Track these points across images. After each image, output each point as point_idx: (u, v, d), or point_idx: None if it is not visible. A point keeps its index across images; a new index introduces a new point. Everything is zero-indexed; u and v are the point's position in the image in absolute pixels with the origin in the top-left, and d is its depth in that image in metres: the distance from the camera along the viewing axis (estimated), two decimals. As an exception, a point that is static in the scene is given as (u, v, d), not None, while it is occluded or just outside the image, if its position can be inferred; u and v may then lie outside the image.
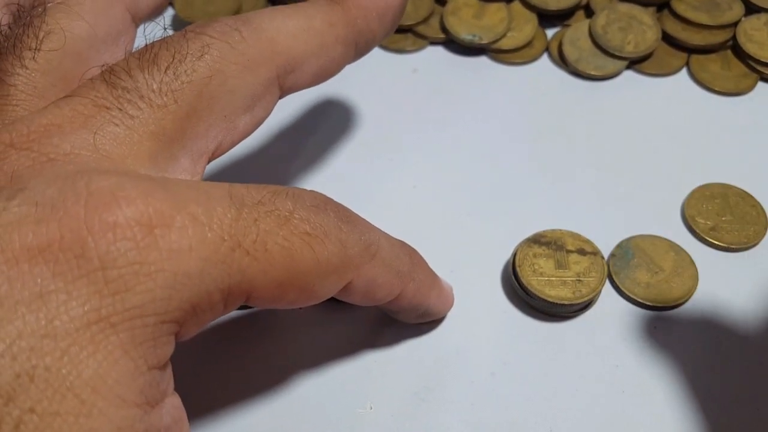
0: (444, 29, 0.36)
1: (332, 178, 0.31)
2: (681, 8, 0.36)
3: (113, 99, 0.19)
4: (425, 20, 0.36)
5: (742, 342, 0.26)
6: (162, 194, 0.17)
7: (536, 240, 0.27)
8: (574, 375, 0.25)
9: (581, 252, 0.27)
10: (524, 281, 0.26)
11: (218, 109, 0.21)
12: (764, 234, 0.29)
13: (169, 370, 0.17)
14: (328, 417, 0.24)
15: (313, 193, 0.20)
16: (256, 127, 0.23)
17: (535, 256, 0.27)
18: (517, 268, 0.26)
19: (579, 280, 0.26)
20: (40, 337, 0.15)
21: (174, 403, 0.18)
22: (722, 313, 0.27)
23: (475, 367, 0.25)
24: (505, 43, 0.36)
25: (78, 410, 0.15)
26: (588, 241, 0.27)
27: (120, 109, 0.19)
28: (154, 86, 0.20)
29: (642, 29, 0.35)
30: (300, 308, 0.27)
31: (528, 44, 0.36)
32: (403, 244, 0.23)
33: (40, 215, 0.16)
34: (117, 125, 0.19)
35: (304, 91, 0.24)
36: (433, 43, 0.36)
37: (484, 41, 0.35)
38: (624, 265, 0.27)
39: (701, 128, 0.33)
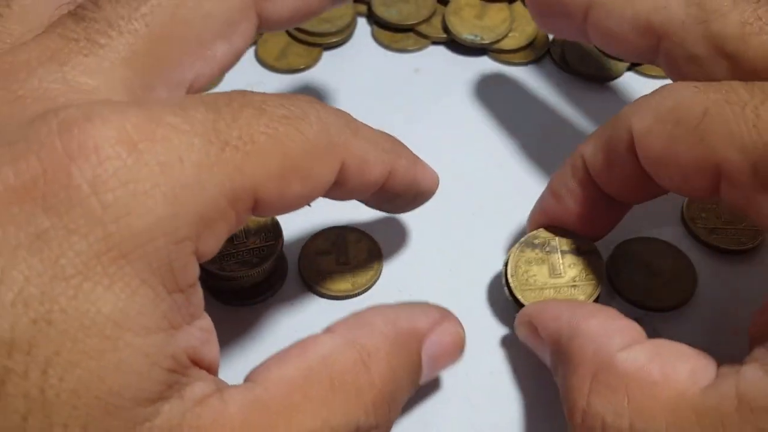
0: (446, 29, 0.36)
1: (333, 177, 0.31)
2: (683, 10, 0.36)
3: (81, 30, 0.19)
4: (427, 20, 0.36)
5: (742, 345, 0.26)
6: (136, 111, 0.16)
7: (529, 243, 0.26)
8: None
9: (576, 252, 0.25)
10: (518, 294, 0.25)
11: (193, 35, 0.20)
12: (763, 236, 0.29)
13: (196, 292, 0.17)
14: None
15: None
16: (236, 60, 0.22)
17: (528, 262, 0.25)
18: (510, 279, 0.25)
19: (574, 285, 0.25)
20: (49, 279, 0.14)
21: (203, 325, 0.17)
22: (722, 315, 0.27)
23: (473, 366, 0.25)
24: (507, 44, 0.36)
25: (103, 346, 0.15)
26: (583, 239, 0.25)
27: (88, 39, 0.19)
28: (123, 13, 0.19)
29: (643, 31, 0.35)
30: (303, 315, 0.27)
31: (529, 45, 0.36)
32: (378, 129, 0.23)
33: (16, 153, 0.15)
34: (86, 55, 0.18)
35: (304, 90, 0.24)
36: (435, 42, 0.36)
37: (486, 41, 0.35)
38: (623, 267, 0.27)
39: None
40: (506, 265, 0.26)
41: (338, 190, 0.21)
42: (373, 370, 0.19)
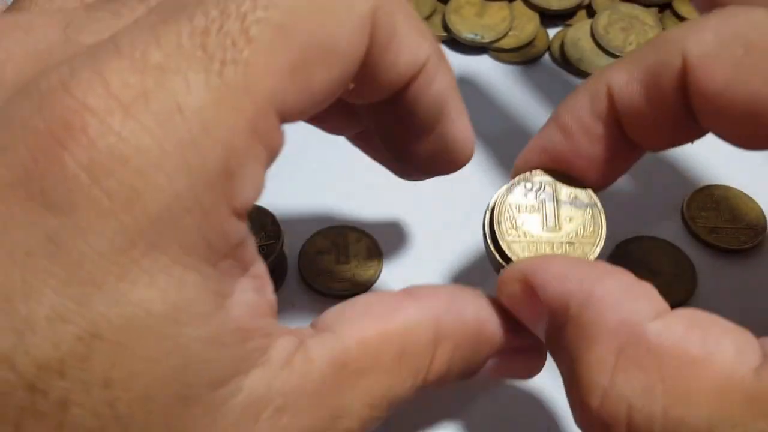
0: (446, 27, 0.36)
1: (333, 176, 0.31)
2: (683, 9, 0.36)
3: None
4: (427, 18, 0.36)
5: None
6: (115, 61, 0.14)
7: (520, 186, 0.21)
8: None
9: (576, 203, 0.21)
10: (503, 246, 0.20)
11: None
12: (764, 236, 0.29)
13: (246, 246, 0.15)
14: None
15: None
16: None
17: (518, 209, 0.21)
18: (495, 227, 0.21)
19: (571, 243, 0.21)
20: (79, 287, 0.13)
21: (256, 272, 0.16)
22: (722, 314, 0.27)
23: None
24: (507, 42, 0.36)
25: (165, 348, 0.14)
26: (584, 189, 0.21)
27: None
28: None
29: (644, 30, 0.35)
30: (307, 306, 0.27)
31: (529, 43, 0.36)
32: None
33: (2, 141, 0.13)
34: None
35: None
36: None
37: (486, 40, 0.35)
38: (623, 266, 0.27)
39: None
40: (491, 210, 0.21)
41: (361, 80, 0.17)
42: (437, 355, 0.18)
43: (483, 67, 0.36)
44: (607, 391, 0.16)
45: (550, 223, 0.21)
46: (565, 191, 0.21)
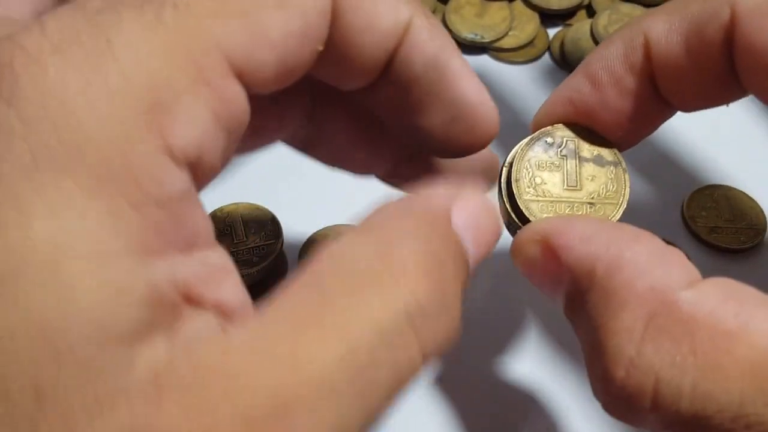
0: (446, 27, 0.36)
1: (333, 176, 0.31)
2: (683, 9, 0.36)
3: None
4: (427, 18, 0.36)
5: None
6: (59, 10, 0.14)
7: (540, 141, 0.20)
8: (573, 378, 0.25)
9: (599, 161, 0.20)
10: (522, 205, 0.19)
11: None
12: (764, 235, 0.29)
13: (189, 210, 0.14)
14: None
15: None
16: None
17: (538, 166, 0.20)
18: (513, 184, 0.19)
19: (591, 204, 0.19)
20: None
21: (208, 259, 0.14)
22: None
23: (477, 360, 0.25)
24: (507, 42, 0.36)
25: (43, 277, 0.12)
26: (609, 146, 0.20)
27: None
28: None
29: (644, 29, 0.35)
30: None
31: (529, 43, 0.36)
32: None
33: None
34: None
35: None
36: (435, 41, 0.36)
37: (486, 40, 0.35)
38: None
39: (702, 129, 0.33)
40: (509, 166, 0.20)
41: (339, 49, 0.16)
42: (408, 268, 0.14)
43: (483, 67, 0.36)
44: (634, 360, 0.15)
45: (571, 181, 0.19)
46: (588, 148, 0.20)
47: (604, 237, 0.16)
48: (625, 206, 0.19)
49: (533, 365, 0.26)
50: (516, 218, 0.19)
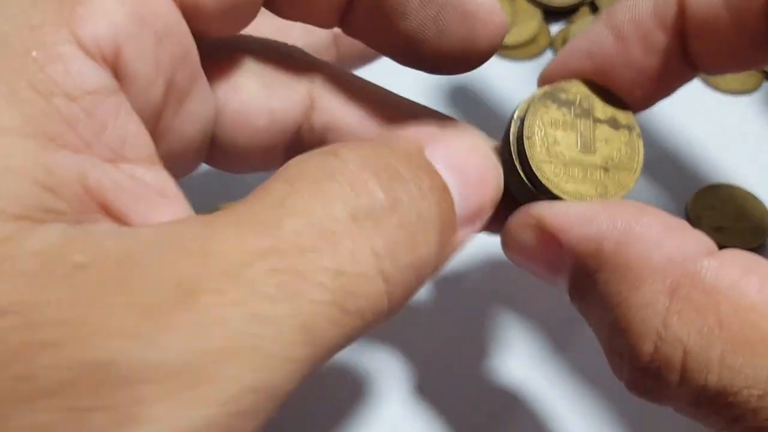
0: (447, 24, 0.36)
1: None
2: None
3: None
4: (428, 15, 0.36)
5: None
6: None
7: (554, 96, 0.18)
8: (575, 380, 0.25)
9: (614, 123, 0.18)
10: (534, 166, 0.17)
11: None
12: (769, 235, 0.28)
13: (109, 110, 0.13)
14: (325, 416, 0.24)
15: None
16: None
17: (552, 124, 0.18)
18: (525, 142, 0.17)
19: (605, 169, 0.18)
20: None
21: (138, 174, 0.14)
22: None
23: (479, 365, 0.25)
24: (509, 39, 0.35)
25: None
26: (625, 107, 0.18)
27: None
28: None
29: (648, 26, 0.35)
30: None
31: (532, 40, 0.35)
32: None
33: None
34: None
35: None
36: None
37: (488, 37, 0.35)
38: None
39: (706, 127, 0.33)
40: (521, 120, 0.18)
41: None
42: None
43: (485, 63, 0.35)
44: (661, 333, 0.14)
45: (585, 143, 0.18)
46: (602, 109, 0.18)
47: (607, 214, 0.16)
48: (638, 173, 0.18)
49: (519, 370, 0.25)
50: (527, 180, 0.17)
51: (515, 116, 0.18)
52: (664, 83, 0.18)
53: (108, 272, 0.12)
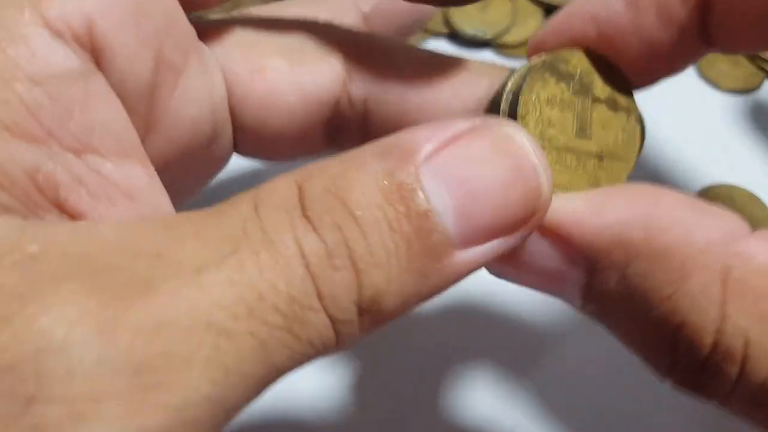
0: (448, 23, 0.36)
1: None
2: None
3: None
4: (429, 13, 0.36)
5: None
6: None
7: (553, 67, 0.16)
8: (574, 381, 0.25)
9: (613, 105, 0.16)
10: None
11: None
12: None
13: (78, 98, 0.13)
14: (326, 417, 0.24)
15: None
16: None
17: (549, 101, 0.15)
18: (520, 121, 0.15)
19: (600, 157, 0.16)
20: None
21: (102, 168, 0.13)
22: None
23: (482, 373, 0.25)
24: (510, 38, 0.35)
25: None
26: (623, 86, 0.16)
27: None
28: None
29: (649, 25, 0.35)
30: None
31: (533, 39, 0.35)
32: None
33: None
34: None
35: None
36: (436, 35, 0.36)
37: (489, 35, 0.35)
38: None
39: (708, 127, 0.32)
40: (514, 95, 0.16)
41: None
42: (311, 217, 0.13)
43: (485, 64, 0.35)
44: (721, 325, 0.13)
45: (582, 126, 0.16)
46: (602, 86, 0.16)
47: (621, 200, 0.14)
48: (633, 165, 0.16)
49: (531, 367, 0.25)
50: None
51: (507, 89, 0.16)
52: (675, 58, 0.17)
53: (62, 263, 0.11)
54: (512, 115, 0.15)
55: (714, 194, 0.29)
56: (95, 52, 0.13)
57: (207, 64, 0.17)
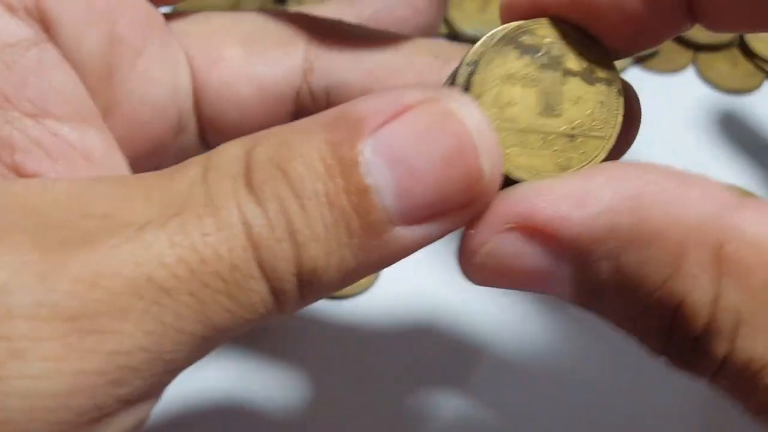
0: (447, 23, 0.35)
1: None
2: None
3: None
4: (428, 13, 0.36)
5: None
6: None
7: (513, 40, 0.15)
8: (570, 382, 0.25)
9: (588, 76, 0.15)
10: None
11: None
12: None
13: (29, 74, 0.13)
14: (326, 418, 0.24)
15: None
16: None
17: (508, 78, 0.14)
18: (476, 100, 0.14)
19: (572, 137, 0.15)
20: None
21: (59, 132, 0.14)
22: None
23: (482, 367, 0.25)
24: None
25: None
26: (603, 55, 0.15)
27: None
28: None
29: (648, 25, 0.35)
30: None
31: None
32: None
33: None
34: None
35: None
36: (437, 36, 0.36)
37: (488, 35, 0.35)
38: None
39: (707, 127, 0.32)
40: (468, 73, 0.15)
41: None
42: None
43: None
44: (716, 302, 0.12)
45: (550, 103, 0.15)
46: (576, 58, 0.15)
47: (602, 182, 0.13)
48: (613, 142, 0.15)
49: (528, 367, 0.25)
50: None
51: (465, 61, 0.15)
52: (655, 30, 0.15)
53: (11, 215, 0.12)
54: (467, 90, 0.14)
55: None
56: (45, 23, 0.14)
57: (170, 48, 0.17)
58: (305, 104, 0.18)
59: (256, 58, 0.18)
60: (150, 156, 0.17)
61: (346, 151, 0.13)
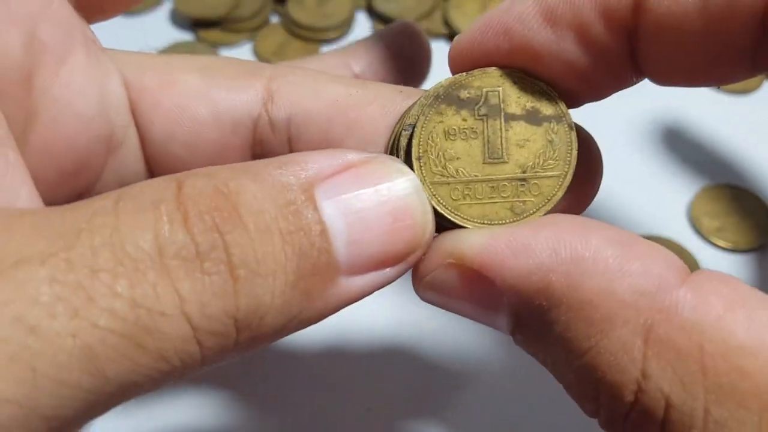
0: (447, 24, 0.35)
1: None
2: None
3: None
4: (428, 14, 0.36)
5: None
6: None
7: (450, 96, 0.15)
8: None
9: (533, 118, 0.15)
10: (426, 189, 0.15)
11: None
12: (771, 235, 0.28)
13: None
14: (327, 419, 0.24)
15: None
16: None
17: (448, 135, 0.15)
18: (415, 163, 0.15)
19: (523, 181, 0.15)
20: None
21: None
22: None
23: (468, 371, 0.25)
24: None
25: None
26: (549, 93, 0.15)
27: None
28: None
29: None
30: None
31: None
32: None
33: None
34: None
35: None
36: (435, 36, 0.36)
37: (488, 36, 0.35)
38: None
39: (708, 127, 0.32)
40: (409, 138, 0.15)
41: None
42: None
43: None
44: (641, 384, 0.12)
45: (494, 151, 0.15)
46: (517, 101, 0.15)
47: (543, 239, 0.13)
48: (570, 179, 0.15)
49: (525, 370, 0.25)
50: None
51: (402, 124, 0.15)
52: (600, 83, 0.15)
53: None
54: (409, 154, 0.15)
55: (715, 194, 0.29)
56: None
57: (98, 61, 0.16)
58: (265, 136, 0.17)
59: (212, 83, 0.17)
60: (78, 173, 0.17)
61: (299, 192, 0.12)
